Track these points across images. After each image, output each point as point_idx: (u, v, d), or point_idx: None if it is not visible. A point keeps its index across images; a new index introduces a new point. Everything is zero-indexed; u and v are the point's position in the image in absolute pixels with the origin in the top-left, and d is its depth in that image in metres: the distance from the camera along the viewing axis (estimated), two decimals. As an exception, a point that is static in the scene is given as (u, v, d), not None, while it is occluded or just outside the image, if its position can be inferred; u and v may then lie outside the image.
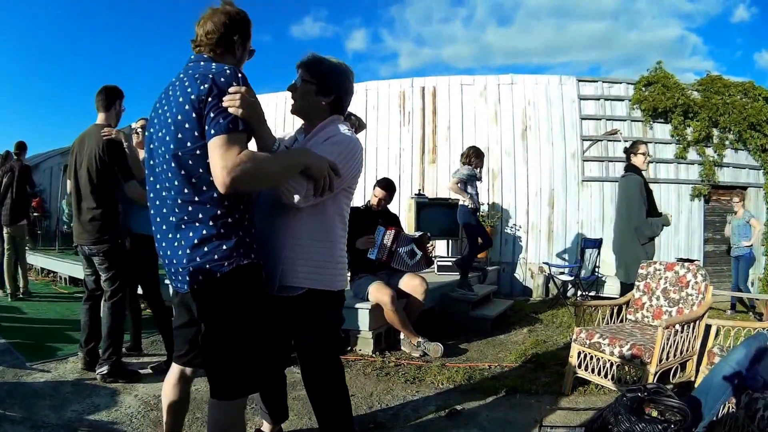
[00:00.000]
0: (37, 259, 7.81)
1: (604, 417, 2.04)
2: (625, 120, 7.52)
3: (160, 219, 1.56)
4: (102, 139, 2.99)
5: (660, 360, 2.71)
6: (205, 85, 1.41)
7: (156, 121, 1.56)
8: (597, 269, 6.27)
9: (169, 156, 1.47)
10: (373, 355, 3.70)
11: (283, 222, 1.74)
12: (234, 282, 1.49)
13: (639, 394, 1.93)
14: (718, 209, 7.65)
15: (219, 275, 1.47)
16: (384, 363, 3.53)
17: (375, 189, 4.12)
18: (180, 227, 1.49)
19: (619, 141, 7.33)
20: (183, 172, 1.46)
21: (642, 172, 4.12)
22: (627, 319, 3.50)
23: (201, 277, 1.48)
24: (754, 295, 6.37)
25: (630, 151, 4.22)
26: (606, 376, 2.93)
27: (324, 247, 1.77)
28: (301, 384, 2.89)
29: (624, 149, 4.51)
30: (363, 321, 3.74)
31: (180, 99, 1.45)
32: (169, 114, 1.48)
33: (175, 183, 1.47)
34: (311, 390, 1.91)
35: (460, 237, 6.87)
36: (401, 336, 3.91)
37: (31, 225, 9.15)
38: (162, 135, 1.51)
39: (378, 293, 3.70)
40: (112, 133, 3.01)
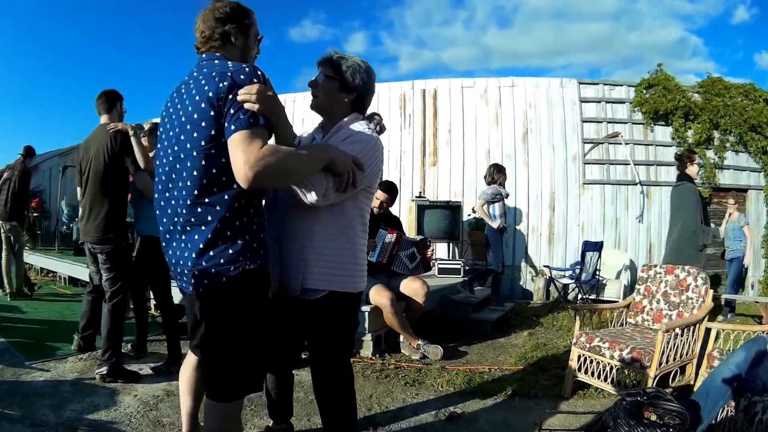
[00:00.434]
0: (37, 259, 7.82)
1: (603, 421, 2.03)
2: (626, 123, 7.50)
3: (166, 220, 1.55)
4: (109, 134, 3.01)
5: (660, 364, 2.70)
6: (225, 83, 1.39)
7: (167, 121, 1.55)
8: (597, 272, 6.26)
9: (184, 155, 1.46)
10: (373, 358, 3.69)
11: (302, 224, 1.71)
12: (239, 286, 1.47)
13: (638, 398, 1.93)
14: (719, 212, 7.63)
15: (225, 279, 1.46)
16: (384, 365, 3.53)
17: (377, 192, 4.11)
18: (186, 229, 1.48)
19: (620, 144, 7.33)
20: (195, 172, 1.43)
21: (694, 181, 4.12)
22: (627, 323, 3.50)
23: (206, 281, 1.47)
24: (754, 298, 6.35)
25: (685, 160, 4.19)
26: (606, 379, 2.92)
27: (344, 248, 1.74)
28: (300, 386, 2.91)
29: (676, 156, 4.48)
30: (362, 323, 3.73)
31: (196, 97, 1.43)
32: (183, 113, 1.47)
33: (187, 183, 1.45)
34: (318, 390, 1.90)
35: (461, 240, 6.87)
36: (401, 338, 3.91)
37: (30, 225, 9.15)
38: (175, 134, 1.49)
39: (377, 296, 3.70)
40: (118, 126, 3.03)
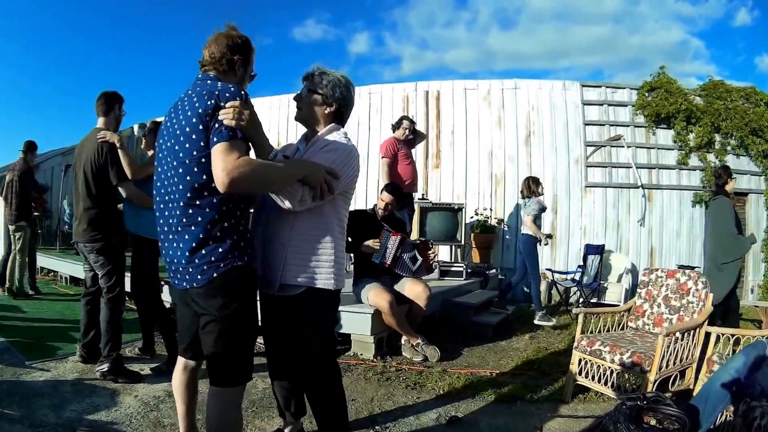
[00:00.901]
0: (38, 259, 7.81)
1: (603, 425, 2.03)
2: (628, 126, 7.49)
3: (163, 221, 1.73)
4: (98, 143, 3.07)
5: (660, 368, 2.70)
6: (212, 101, 1.59)
7: (165, 132, 1.73)
8: (599, 276, 6.24)
9: (177, 163, 1.64)
10: (375, 360, 3.70)
11: (284, 225, 1.86)
12: (229, 282, 1.65)
13: (638, 402, 1.93)
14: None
15: (216, 275, 1.63)
16: (385, 368, 3.53)
17: (382, 194, 4.12)
18: (179, 229, 1.65)
19: (623, 147, 7.32)
20: (188, 178, 1.62)
21: (730, 195, 4.51)
22: (628, 327, 3.49)
23: (199, 277, 1.64)
24: (753, 303, 6.32)
25: (725, 176, 4.50)
26: (606, 383, 2.92)
27: (323, 248, 1.87)
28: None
29: (714, 172, 4.87)
30: (365, 326, 3.74)
31: (189, 112, 1.63)
32: (178, 126, 1.66)
33: (180, 188, 1.64)
34: (304, 387, 2.00)
35: (463, 242, 6.86)
36: (402, 341, 3.91)
37: (32, 225, 9.13)
38: (171, 144, 1.68)
39: (376, 298, 3.70)
40: (106, 136, 3.08)
